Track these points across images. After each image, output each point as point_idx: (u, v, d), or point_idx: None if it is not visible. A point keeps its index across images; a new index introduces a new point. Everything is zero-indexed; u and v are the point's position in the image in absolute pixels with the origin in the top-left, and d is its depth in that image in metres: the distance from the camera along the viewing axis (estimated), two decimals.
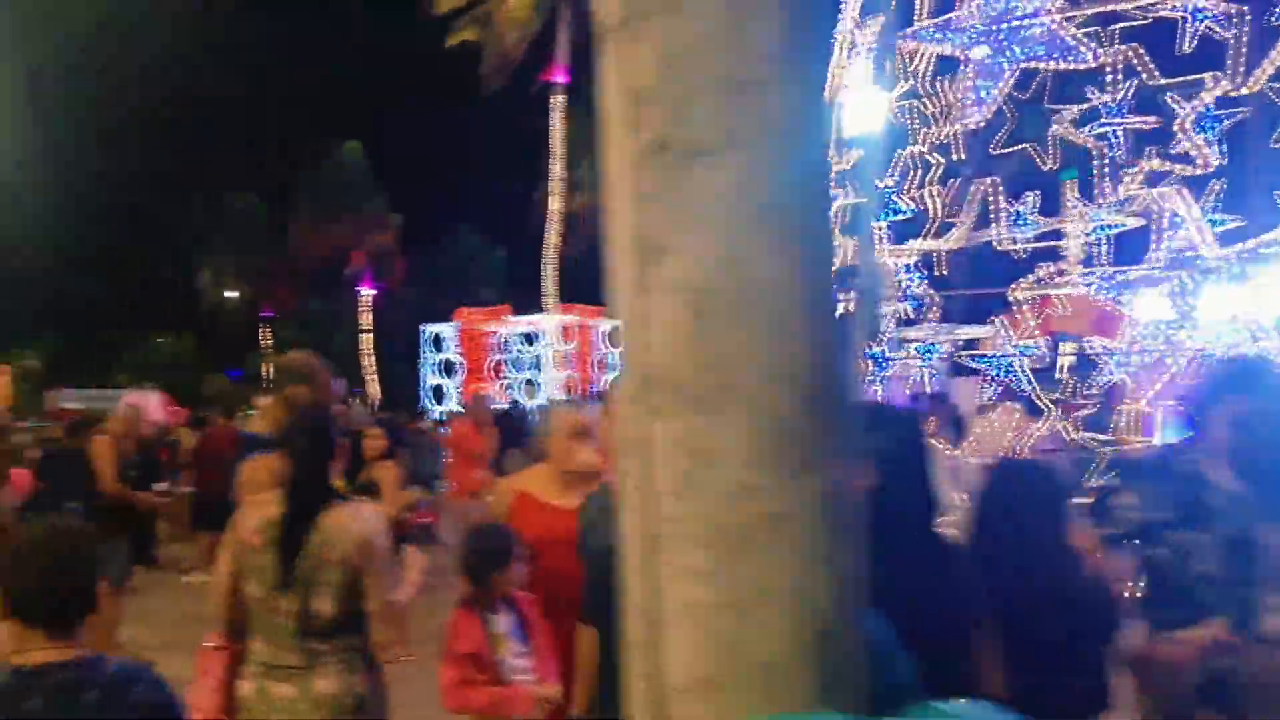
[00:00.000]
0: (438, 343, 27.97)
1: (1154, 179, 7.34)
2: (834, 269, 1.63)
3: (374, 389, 38.05)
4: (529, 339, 27.09)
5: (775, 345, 1.48)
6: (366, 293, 41.13)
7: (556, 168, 30.41)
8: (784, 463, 1.47)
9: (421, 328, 28.59)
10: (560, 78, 30.08)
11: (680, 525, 1.49)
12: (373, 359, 39.92)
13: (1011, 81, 6.06)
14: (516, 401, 23.32)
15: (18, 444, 12.26)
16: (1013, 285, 7.99)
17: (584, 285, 31.43)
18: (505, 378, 26.70)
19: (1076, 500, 4.47)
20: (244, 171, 43.21)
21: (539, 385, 25.70)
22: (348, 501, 3.47)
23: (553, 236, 30.45)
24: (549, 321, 27.53)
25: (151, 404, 13.72)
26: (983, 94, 5.98)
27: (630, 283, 1.54)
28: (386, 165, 41.06)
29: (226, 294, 43.92)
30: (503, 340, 27.44)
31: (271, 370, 42.52)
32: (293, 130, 43.11)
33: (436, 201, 44.17)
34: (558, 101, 30.20)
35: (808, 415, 1.48)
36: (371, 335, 40.36)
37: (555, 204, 30.41)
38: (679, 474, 1.48)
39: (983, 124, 6.40)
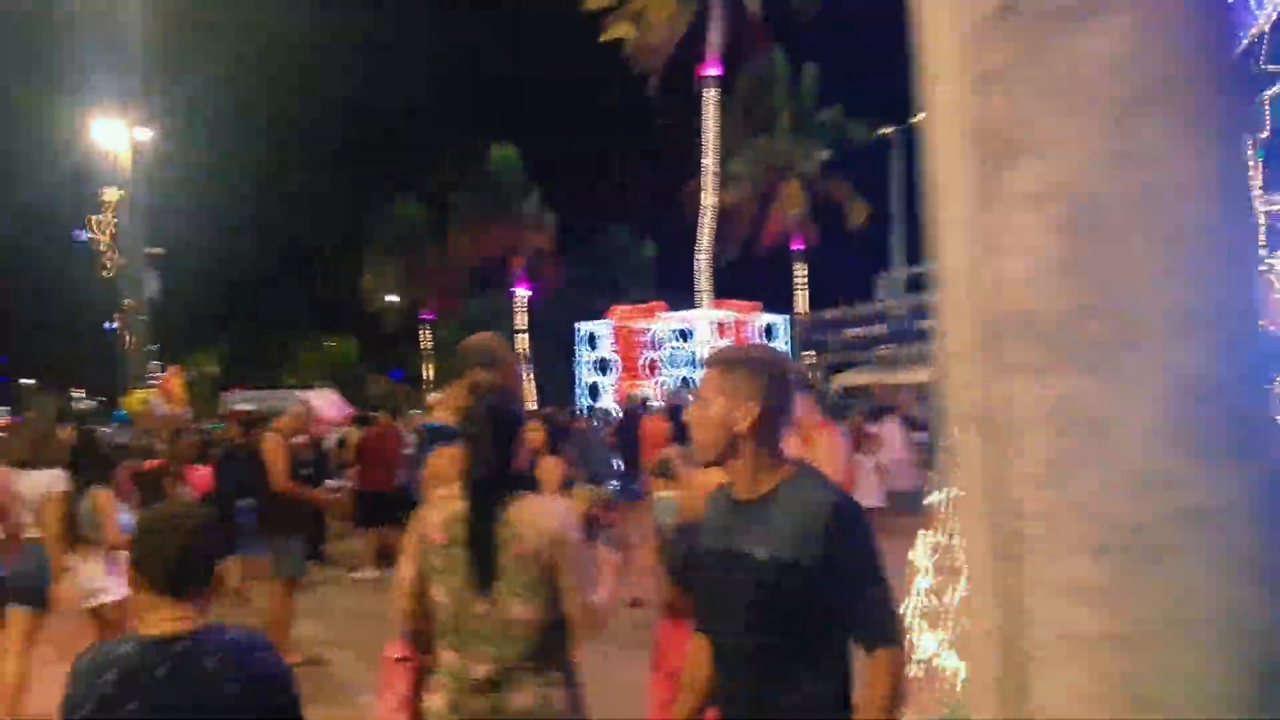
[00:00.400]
0: (592, 341, 28.03)
1: None
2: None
3: (530, 388, 38.45)
4: (683, 335, 26.89)
5: (1185, 276, 1.06)
6: (522, 293, 41.58)
7: (709, 162, 30.02)
8: (1208, 439, 1.05)
9: (576, 326, 28.66)
10: (713, 70, 29.73)
11: (1055, 525, 1.08)
12: (529, 358, 40.36)
13: None
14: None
15: (197, 443, 12.59)
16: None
17: (737, 281, 31.08)
18: (660, 375, 26.53)
19: None
20: (405, 178, 44.41)
21: (694, 382, 25.46)
22: (531, 493, 3.10)
23: (705, 232, 30.07)
24: (703, 318, 27.23)
25: (327, 402, 13.91)
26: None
27: (969, 194, 1.14)
28: (539, 166, 41.49)
29: (388, 297, 45.00)
30: (656, 337, 27.27)
31: (431, 367, 43.53)
32: (450, 136, 44.11)
33: (587, 200, 44.47)
34: (710, 95, 29.84)
35: (1233, 374, 1.06)
36: (527, 335, 40.79)
37: (708, 199, 30.03)
38: (1053, 454, 1.08)
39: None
